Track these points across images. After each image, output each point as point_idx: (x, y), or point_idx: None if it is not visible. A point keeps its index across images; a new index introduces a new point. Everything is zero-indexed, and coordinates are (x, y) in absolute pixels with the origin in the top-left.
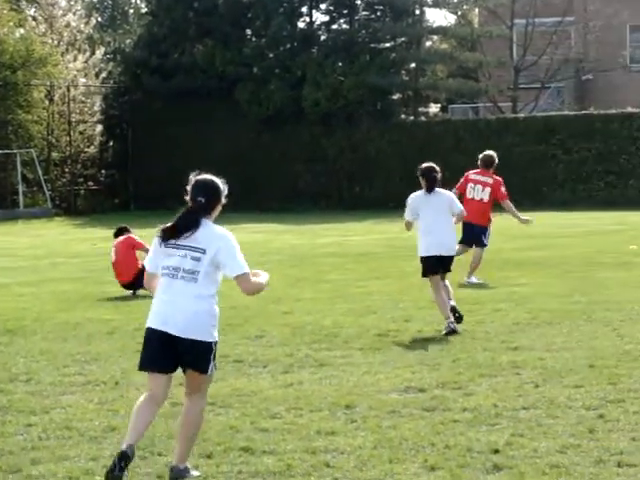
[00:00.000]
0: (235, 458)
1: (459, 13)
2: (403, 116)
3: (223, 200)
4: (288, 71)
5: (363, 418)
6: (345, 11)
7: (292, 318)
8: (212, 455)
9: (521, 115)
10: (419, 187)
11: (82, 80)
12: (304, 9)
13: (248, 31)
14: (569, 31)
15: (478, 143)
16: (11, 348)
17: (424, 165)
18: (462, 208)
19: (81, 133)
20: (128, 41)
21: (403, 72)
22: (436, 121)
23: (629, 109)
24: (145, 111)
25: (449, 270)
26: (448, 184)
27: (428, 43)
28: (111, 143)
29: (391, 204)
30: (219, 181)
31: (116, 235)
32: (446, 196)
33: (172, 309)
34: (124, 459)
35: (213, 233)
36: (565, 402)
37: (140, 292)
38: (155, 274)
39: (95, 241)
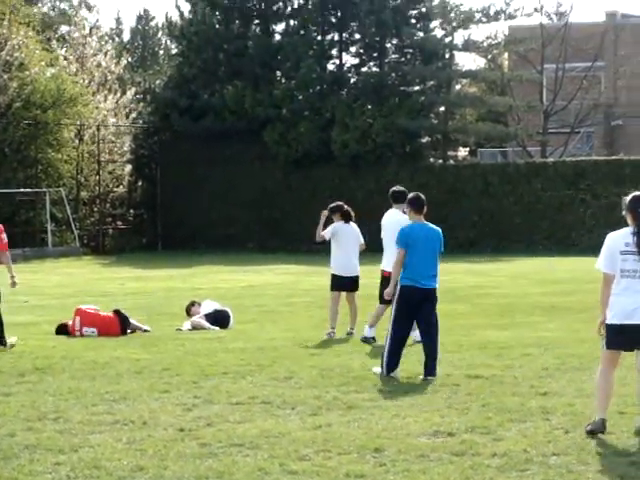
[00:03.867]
0: None
1: (489, 57)
2: (432, 159)
3: None
4: (317, 113)
5: (392, 462)
6: (375, 54)
7: (320, 360)
8: None
9: (550, 160)
10: (451, 229)
11: (112, 120)
12: (334, 51)
13: (278, 73)
14: (599, 76)
15: (507, 187)
16: (40, 386)
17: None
18: None
19: (110, 173)
20: (158, 81)
21: (432, 115)
22: (465, 165)
23: None
24: (174, 151)
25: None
26: (478, 227)
27: (458, 86)
28: (140, 183)
29: None
30: None
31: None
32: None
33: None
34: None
35: None
36: (596, 449)
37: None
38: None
39: (123, 280)
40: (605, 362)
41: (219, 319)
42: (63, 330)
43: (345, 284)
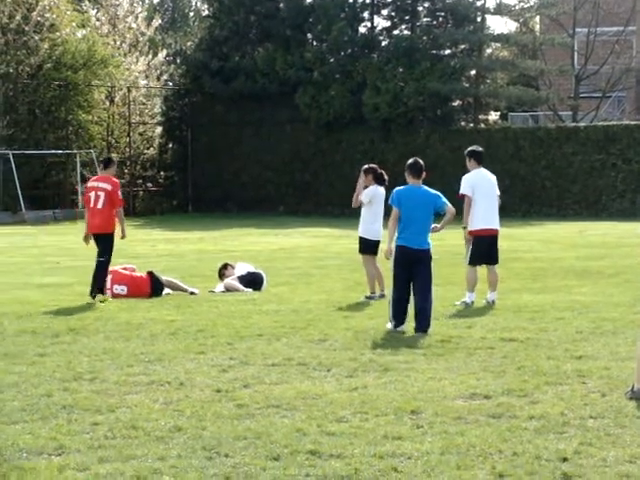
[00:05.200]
0: (302, 461)
1: (521, 21)
2: (463, 123)
3: None
4: (349, 76)
5: (429, 424)
6: (407, 17)
7: (354, 322)
8: (279, 458)
9: (582, 124)
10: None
11: (143, 82)
12: (365, 14)
13: (309, 35)
14: (631, 40)
15: (538, 151)
16: (74, 347)
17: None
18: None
19: (141, 135)
20: (189, 43)
21: (463, 79)
22: (496, 129)
23: None
24: (205, 113)
25: None
26: (509, 191)
27: (489, 50)
28: (170, 145)
29: None
30: None
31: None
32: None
33: None
34: None
35: None
36: (633, 412)
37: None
38: None
39: (154, 242)
40: None
41: (252, 281)
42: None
43: (372, 247)
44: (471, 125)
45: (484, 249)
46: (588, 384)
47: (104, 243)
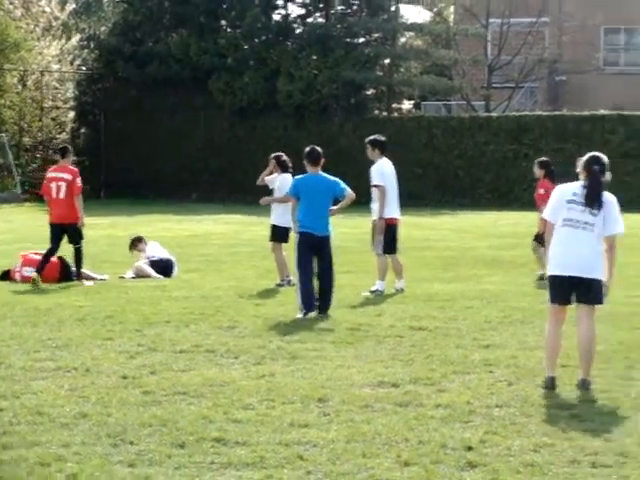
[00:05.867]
0: (208, 448)
1: (434, 10)
2: (376, 111)
3: None
4: (262, 63)
5: (336, 412)
6: (321, 5)
7: (264, 309)
8: (184, 445)
9: (494, 114)
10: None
11: (56, 66)
12: (280, 1)
13: (223, 22)
14: (544, 32)
15: (451, 140)
16: None
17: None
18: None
19: (53, 119)
20: (103, 28)
21: (377, 68)
22: (409, 117)
23: (601, 111)
24: (118, 98)
25: None
26: (421, 179)
27: (403, 39)
28: (83, 130)
29: (362, 199)
30: None
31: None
32: None
33: None
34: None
35: None
36: (539, 401)
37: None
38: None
39: None
40: (550, 316)
41: (163, 268)
42: (7, 277)
43: (283, 234)
44: (384, 114)
45: (393, 237)
46: (495, 373)
47: (72, 232)
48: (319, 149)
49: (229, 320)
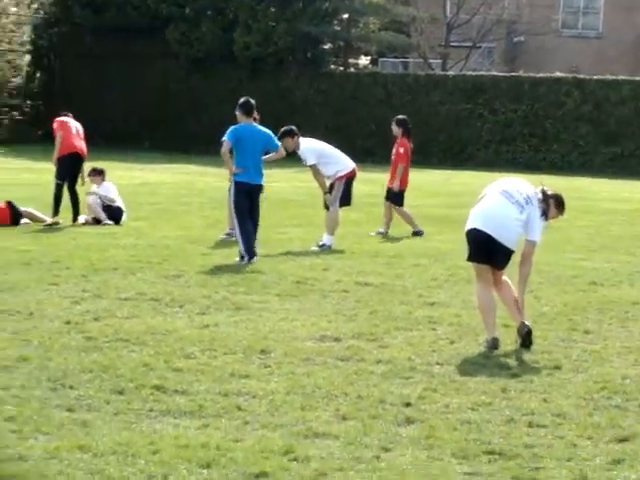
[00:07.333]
0: (147, 396)
1: None
2: (333, 66)
3: None
4: (220, 13)
5: (277, 364)
6: None
7: (210, 260)
8: (124, 391)
9: (450, 73)
10: (349, 137)
11: (13, 9)
12: None
13: None
14: None
15: (406, 98)
16: None
17: None
18: None
19: (9, 62)
20: None
21: (335, 22)
22: (366, 73)
23: (557, 74)
24: (75, 44)
25: None
26: (376, 136)
27: None
28: (38, 74)
29: None
30: None
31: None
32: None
33: None
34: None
35: None
36: (479, 360)
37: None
38: None
39: (17, 172)
40: (476, 277)
41: (112, 214)
42: None
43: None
44: (341, 69)
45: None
46: (438, 331)
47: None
48: (253, 101)
49: (175, 269)
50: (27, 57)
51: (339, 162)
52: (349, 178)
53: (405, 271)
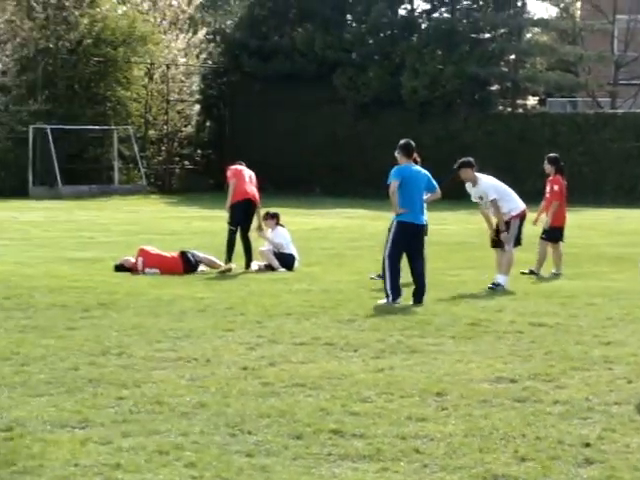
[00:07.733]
0: (325, 440)
1: (561, 6)
2: (501, 107)
3: None
4: (387, 58)
5: (454, 406)
6: (447, 0)
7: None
8: (302, 436)
9: (620, 111)
10: (518, 178)
11: (182, 60)
12: None
13: (349, 16)
14: None
15: (575, 137)
16: (104, 321)
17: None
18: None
19: (179, 112)
20: (229, 22)
21: (502, 63)
22: (533, 113)
23: None
24: (243, 93)
25: None
26: (545, 176)
27: (529, 35)
28: (208, 123)
29: None
30: None
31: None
32: None
33: None
34: None
35: None
36: None
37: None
38: None
39: (189, 220)
40: None
41: (284, 261)
42: (122, 269)
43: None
44: (509, 109)
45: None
46: (614, 370)
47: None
48: (413, 143)
49: (349, 313)
50: (197, 107)
51: (513, 201)
52: (522, 218)
53: (579, 311)
